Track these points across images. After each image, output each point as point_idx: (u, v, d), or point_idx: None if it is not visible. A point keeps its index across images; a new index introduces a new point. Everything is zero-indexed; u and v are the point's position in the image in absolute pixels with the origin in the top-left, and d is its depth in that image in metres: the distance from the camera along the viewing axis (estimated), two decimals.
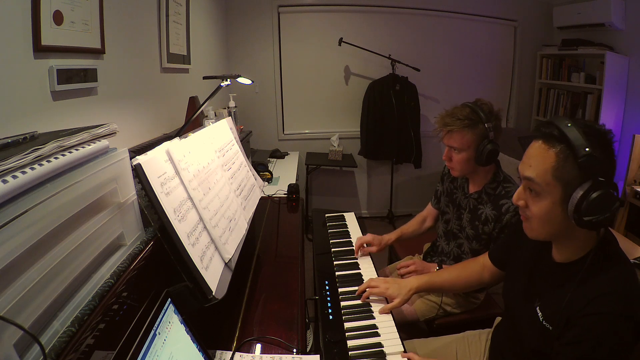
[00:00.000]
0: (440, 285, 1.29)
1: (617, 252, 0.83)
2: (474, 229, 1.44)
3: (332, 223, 1.75)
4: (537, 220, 0.84)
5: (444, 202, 1.63)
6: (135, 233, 0.92)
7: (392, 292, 1.21)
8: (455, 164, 1.39)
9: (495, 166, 1.43)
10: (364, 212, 3.94)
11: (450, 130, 1.35)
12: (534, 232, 0.87)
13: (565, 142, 0.77)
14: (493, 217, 1.37)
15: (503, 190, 1.37)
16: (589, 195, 0.74)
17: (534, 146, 0.83)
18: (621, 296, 0.75)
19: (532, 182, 0.81)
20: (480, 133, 1.33)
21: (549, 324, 0.84)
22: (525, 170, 0.83)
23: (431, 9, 3.52)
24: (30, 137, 0.73)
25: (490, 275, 1.23)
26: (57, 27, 1.07)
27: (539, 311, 0.88)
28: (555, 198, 0.79)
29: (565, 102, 3.50)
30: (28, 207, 0.57)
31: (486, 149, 1.32)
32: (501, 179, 1.41)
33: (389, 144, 3.42)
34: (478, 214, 1.43)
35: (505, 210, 1.34)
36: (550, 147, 0.79)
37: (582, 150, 0.74)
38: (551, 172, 0.78)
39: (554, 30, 3.69)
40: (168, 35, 1.90)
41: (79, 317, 0.63)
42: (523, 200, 0.86)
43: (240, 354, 0.92)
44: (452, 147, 1.37)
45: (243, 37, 3.42)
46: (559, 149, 0.78)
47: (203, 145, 1.14)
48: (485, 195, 1.41)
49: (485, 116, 1.33)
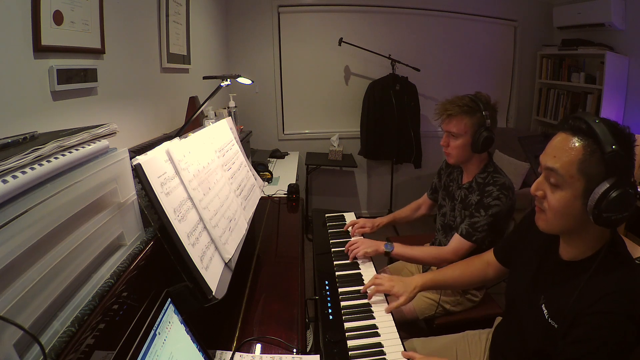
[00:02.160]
0: (444, 282, 1.30)
1: (625, 253, 0.83)
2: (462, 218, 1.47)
3: (332, 223, 1.75)
4: (553, 213, 0.83)
5: (441, 196, 1.66)
6: (135, 233, 0.92)
7: (398, 290, 1.21)
8: (452, 149, 1.45)
9: (487, 157, 1.48)
10: (364, 212, 3.94)
11: (450, 115, 1.42)
12: (548, 224, 0.86)
13: (592, 136, 0.77)
14: (476, 201, 1.42)
15: (492, 179, 1.42)
16: (612, 192, 0.74)
17: (560, 138, 0.82)
18: (629, 296, 0.76)
19: (555, 173, 0.80)
20: (477, 120, 1.39)
21: (555, 321, 0.84)
22: (549, 160, 0.82)
23: (431, 9, 3.52)
24: (30, 137, 0.73)
25: (494, 272, 1.23)
26: (57, 27, 1.07)
27: (544, 308, 0.88)
28: (576, 191, 0.79)
29: (565, 102, 3.50)
30: (28, 207, 0.57)
31: (482, 135, 1.37)
32: (491, 170, 1.45)
33: (389, 144, 3.42)
34: (467, 202, 1.47)
35: (487, 195, 1.39)
36: (577, 140, 0.79)
37: (609, 147, 0.74)
38: (576, 165, 0.78)
39: (554, 30, 3.69)
40: (168, 35, 1.90)
41: (79, 317, 0.63)
42: (542, 190, 0.85)
43: (240, 354, 0.92)
44: (450, 132, 1.43)
45: (243, 37, 3.42)
46: (586, 142, 0.78)
47: (203, 145, 1.14)
48: (475, 184, 1.46)
49: (483, 105, 1.39)
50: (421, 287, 1.24)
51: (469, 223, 1.41)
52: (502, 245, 1.23)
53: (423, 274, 1.31)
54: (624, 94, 3.09)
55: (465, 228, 1.41)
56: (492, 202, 1.37)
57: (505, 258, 1.19)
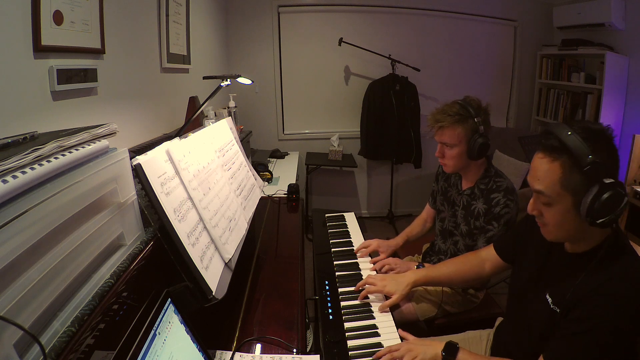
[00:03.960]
0: (438, 278, 1.30)
1: (627, 243, 0.86)
2: (467, 225, 1.46)
3: (332, 223, 1.75)
4: (552, 226, 0.87)
5: (439, 201, 1.64)
6: (135, 233, 0.92)
7: (390, 289, 1.21)
8: (448, 159, 1.42)
9: (486, 162, 1.46)
10: (364, 212, 3.94)
11: (442, 127, 1.38)
12: (552, 235, 0.90)
13: (567, 152, 0.79)
14: (484, 210, 1.40)
15: (494, 185, 1.40)
16: (598, 199, 0.76)
17: (538, 159, 0.86)
18: (630, 282, 0.79)
19: (542, 195, 0.85)
20: (470, 127, 1.36)
21: (557, 307, 0.87)
22: (535, 183, 0.86)
23: (431, 9, 3.52)
24: (30, 137, 0.73)
25: (491, 267, 1.24)
26: (57, 27, 1.07)
27: (549, 297, 0.90)
28: (566, 205, 0.83)
29: (565, 102, 3.50)
30: (28, 207, 0.57)
31: (477, 142, 1.35)
32: (492, 174, 1.43)
33: (389, 144, 3.42)
34: (471, 209, 1.45)
35: (495, 203, 1.36)
36: (553, 159, 0.82)
37: (585, 159, 0.77)
38: (559, 184, 0.81)
39: (554, 30, 3.69)
40: (168, 35, 1.90)
41: (79, 317, 0.63)
42: (537, 210, 0.89)
43: (240, 354, 0.92)
44: (444, 142, 1.41)
45: (243, 37, 3.42)
46: (563, 159, 0.80)
47: (203, 145, 1.14)
48: (478, 190, 1.44)
49: (474, 111, 1.37)
50: (414, 283, 1.25)
51: (486, 239, 1.38)
52: (503, 240, 1.23)
53: (416, 271, 1.31)
54: (624, 94, 3.09)
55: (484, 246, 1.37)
56: (501, 211, 1.35)
57: (507, 253, 1.19)
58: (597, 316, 0.78)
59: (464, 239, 1.48)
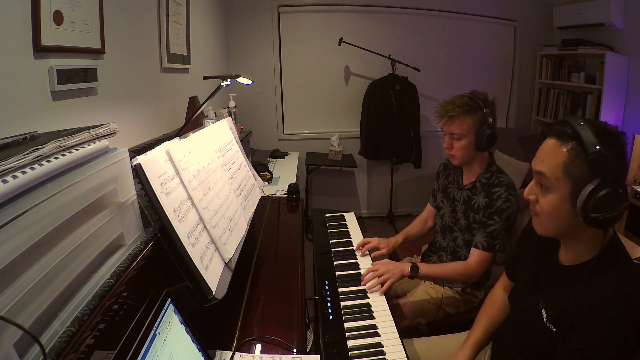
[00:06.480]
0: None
1: (623, 256, 0.83)
2: (466, 220, 1.47)
3: (332, 223, 1.75)
4: (545, 216, 0.86)
5: (439, 198, 1.65)
6: (135, 233, 0.92)
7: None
8: (456, 151, 1.42)
9: (489, 157, 1.47)
10: (364, 212, 3.94)
11: (451, 117, 1.39)
12: (542, 227, 0.88)
13: (577, 139, 0.78)
14: (484, 204, 1.40)
15: (496, 180, 1.40)
16: (597, 192, 0.75)
17: (547, 143, 0.85)
18: (626, 299, 0.76)
19: (543, 177, 0.83)
20: (479, 118, 1.37)
21: (553, 325, 0.85)
22: (537, 164, 0.85)
23: (431, 9, 3.53)
24: (30, 137, 0.73)
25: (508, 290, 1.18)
26: (57, 27, 1.07)
27: (544, 313, 0.89)
28: (564, 193, 0.81)
29: (565, 102, 3.50)
30: (28, 207, 0.57)
31: (485, 133, 1.36)
32: (494, 170, 1.44)
33: (389, 144, 3.42)
34: (472, 204, 1.45)
35: (497, 197, 1.37)
36: (562, 143, 0.81)
37: (592, 148, 0.76)
38: (562, 168, 0.80)
39: (554, 30, 3.69)
40: (168, 35, 1.90)
41: (79, 317, 0.63)
42: (534, 194, 0.87)
43: (240, 354, 0.92)
44: (453, 133, 1.40)
45: (243, 37, 3.42)
46: (571, 145, 0.80)
47: (203, 145, 1.14)
48: (480, 184, 1.44)
49: (483, 103, 1.38)
50: None
51: (486, 234, 1.37)
52: (509, 262, 1.22)
53: None
54: (624, 94, 3.09)
55: (485, 240, 1.37)
56: (503, 205, 1.35)
57: (514, 274, 1.17)
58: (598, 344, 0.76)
59: (463, 234, 1.49)
